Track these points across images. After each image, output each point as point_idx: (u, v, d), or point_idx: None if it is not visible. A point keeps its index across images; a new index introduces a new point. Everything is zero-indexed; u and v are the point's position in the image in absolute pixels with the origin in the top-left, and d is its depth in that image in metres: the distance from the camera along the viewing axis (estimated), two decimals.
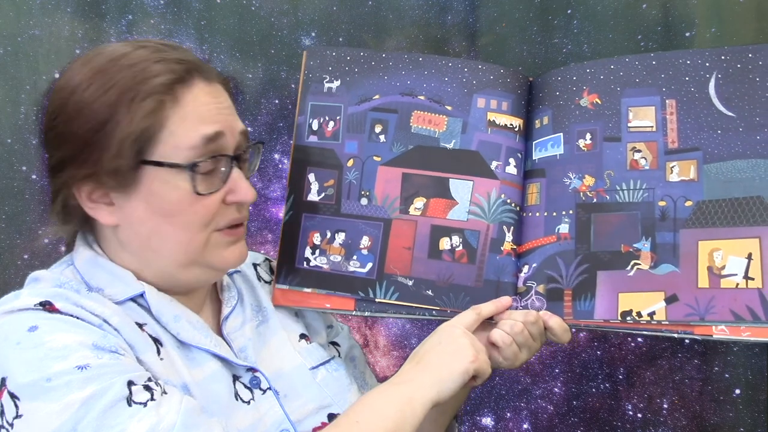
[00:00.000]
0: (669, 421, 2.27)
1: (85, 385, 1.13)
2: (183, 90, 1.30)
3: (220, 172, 1.33)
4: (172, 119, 1.28)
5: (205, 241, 1.34)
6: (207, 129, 1.30)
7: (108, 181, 1.29)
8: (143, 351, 1.27)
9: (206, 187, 1.32)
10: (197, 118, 1.30)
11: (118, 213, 1.32)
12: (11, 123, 2.17)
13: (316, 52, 1.65)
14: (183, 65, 1.32)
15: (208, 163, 1.31)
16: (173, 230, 1.32)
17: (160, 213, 1.31)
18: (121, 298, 1.32)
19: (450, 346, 1.35)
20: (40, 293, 1.26)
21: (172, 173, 1.29)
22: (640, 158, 1.47)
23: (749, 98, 1.42)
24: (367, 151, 1.59)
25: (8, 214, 2.17)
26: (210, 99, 1.33)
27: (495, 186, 1.53)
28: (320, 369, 1.51)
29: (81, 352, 1.16)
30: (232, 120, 1.36)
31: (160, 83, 1.28)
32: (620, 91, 1.51)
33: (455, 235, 1.53)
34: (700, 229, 1.39)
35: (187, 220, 1.32)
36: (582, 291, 1.45)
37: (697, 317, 1.36)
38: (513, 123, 1.57)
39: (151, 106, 1.27)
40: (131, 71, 1.28)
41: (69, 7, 2.18)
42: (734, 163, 1.40)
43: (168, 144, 1.28)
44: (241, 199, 1.35)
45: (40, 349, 1.15)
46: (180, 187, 1.30)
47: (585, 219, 1.48)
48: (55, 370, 1.13)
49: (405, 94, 1.60)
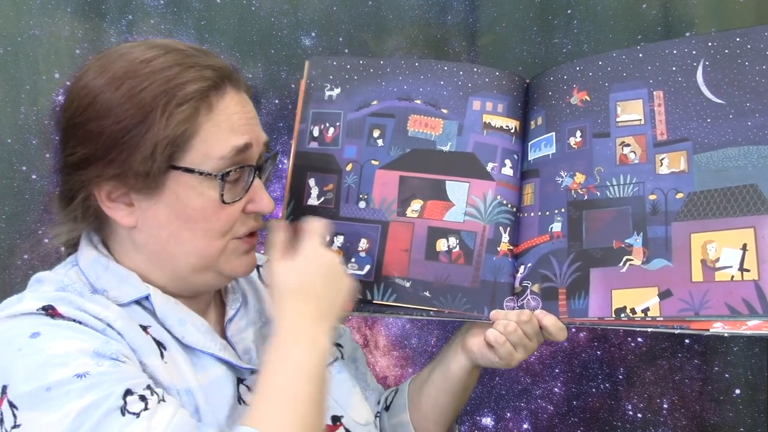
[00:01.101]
0: (669, 421, 2.26)
1: (83, 394, 1.12)
2: (216, 97, 1.31)
3: (243, 181, 1.34)
4: (205, 126, 1.29)
5: (223, 248, 1.35)
6: (238, 140, 1.31)
7: (134, 183, 1.28)
8: (147, 354, 1.26)
9: (231, 196, 1.32)
10: (229, 127, 1.31)
11: (137, 214, 1.32)
12: (11, 123, 2.17)
13: (318, 61, 1.68)
14: (216, 72, 1.32)
15: (236, 172, 1.32)
16: (193, 236, 1.32)
17: (183, 218, 1.31)
18: (126, 300, 1.32)
19: (326, 277, 1.37)
20: (42, 297, 1.25)
21: (200, 180, 1.29)
22: (629, 152, 1.46)
23: (738, 84, 1.40)
24: (366, 156, 1.60)
25: (8, 214, 2.18)
26: (240, 108, 1.34)
27: (491, 187, 1.54)
28: None
29: (81, 359, 1.15)
30: (258, 130, 1.37)
31: (195, 90, 1.28)
32: (608, 87, 1.51)
33: (452, 237, 1.53)
34: (692, 222, 1.38)
35: (209, 227, 1.32)
36: (576, 289, 1.44)
37: (691, 312, 1.34)
38: (509, 125, 1.57)
39: (187, 113, 1.27)
40: (164, 75, 1.28)
41: (69, 7, 2.18)
42: (726, 152, 1.38)
43: (199, 151, 1.29)
44: (261, 209, 1.37)
45: (41, 355, 1.15)
46: (206, 195, 1.30)
47: (576, 217, 1.48)
48: (54, 378, 1.13)
49: (402, 99, 1.61)
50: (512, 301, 1.49)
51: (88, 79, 1.31)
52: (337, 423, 1.46)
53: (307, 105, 1.66)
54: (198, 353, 1.34)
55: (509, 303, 1.49)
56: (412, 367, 2.33)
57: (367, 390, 1.68)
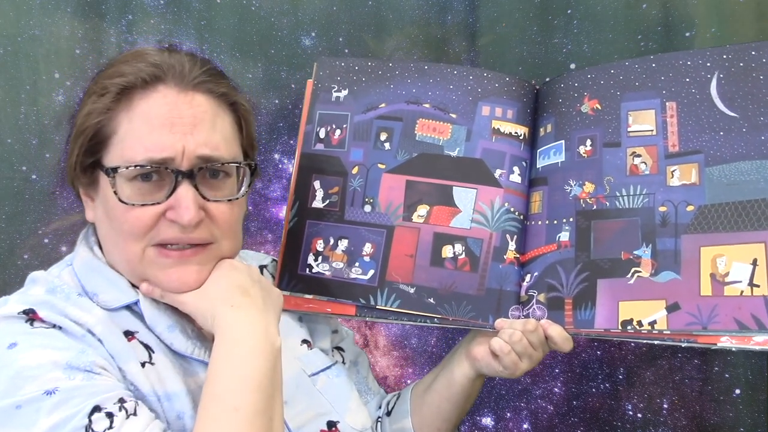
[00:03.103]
0: (669, 421, 2.27)
1: (52, 411, 1.13)
2: (141, 95, 1.30)
3: (166, 186, 1.30)
4: (122, 126, 1.29)
5: (140, 254, 1.32)
6: (156, 152, 1.28)
7: (82, 178, 1.34)
8: (125, 361, 1.26)
9: (135, 197, 1.29)
10: (147, 129, 1.28)
11: (93, 211, 1.37)
12: (11, 123, 2.16)
13: (327, 62, 1.67)
14: (154, 68, 1.31)
15: (135, 170, 1.28)
16: (115, 236, 1.33)
17: (108, 217, 1.32)
18: (115, 305, 1.32)
19: (257, 276, 1.37)
20: (26, 300, 1.27)
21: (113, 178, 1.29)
22: (639, 163, 1.46)
23: (752, 97, 1.40)
24: (372, 159, 1.60)
25: (8, 214, 2.17)
26: (167, 110, 1.29)
27: (498, 194, 1.54)
28: (320, 375, 1.51)
29: (53, 372, 1.16)
30: (195, 136, 1.30)
31: (116, 82, 1.29)
32: (620, 96, 1.50)
33: (458, 243, 1.53)
34: (702, 235, 1.37)
35: (120, 228, 1.31)
36: (582, 300, 1.44)
37: (699, 326, 1.34)
38: (518, 131, 1.57)
39: (104, 104, 1.28)
40: (112, 69, 1.33)
41: (69, 7, 2.17)
42: (738, 165, 1.38)
43: (116, 150, 1.29)
44: (177, 218, 1.30)
45: (14, 366, 1.16)
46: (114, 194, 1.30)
47: (585, 226, 1.47)
48: (24, 394, 1.14)
49: (410, 102, 1.61)
50: (518, 310, 1.49)
51: None
52: (333, 428, 1.46)
53: (313, 106, 1.65)
54: (188, 358, 1.34)
55: (515, 312, 1.49)
56: (411, 367, 2.33)
57: (368, 394, 1.69)
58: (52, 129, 2.17)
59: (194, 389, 1.31)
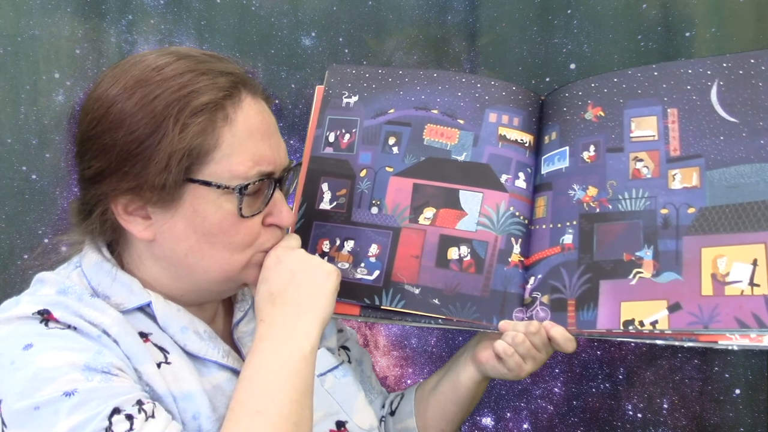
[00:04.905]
0: (669, 421, 2.27)
1: (71, 412, 1.12)
2: (233, 107, 1.27)
3: (263, 194, 1.32)
4: (226, 140, 1.26)
5: (246, 261, 1.33)
6: (264, 165, 1.29)
7: (150, 196, 1.26)
8: (142, 362, 1.25)
9: (251, 209, 1.30)
10: (252, 143, 1.28)
11: (154, 228, 1.30)
12: (11, 123, 2.17)
13: (338, 69, 1.69)
14: (230, 79, 1.29)
15: (255, 185, 1.29)
16: (213, 250, 1.30)
17: (201, 232, 1.29)
18: (128, 307, 1.31)
19: (305, 273, 1.33)
20: (40, 301, 1.24)
21: (217, 193, 1.27)
22: (642, 167, 1.47)
23: (752, 103, 1.41)
24: (380, 162, 1.61)
25: (8, 214, 2.17)
26: (260, 119, 1.30)
27: (504, 198, 1.54)
28: (328, 376, 1.51)
29: (71, 374, 1.15)
30: (279, 142, 1.33)
31: (209, 99, 1.25)
32: (623, 103, 1.52)
33: (463, 245, 1.53)
34: (703, 236, 1.38)
35: (228, 240, 1.30)
36: (585, 301, 1.44)
37: (700, 325, 1.34)
38: (523, 138, 1.58)
39: (203, 125, 1.24)
40: (177, 82, 1.25)
41: (69, 7, 2.18)
42: (738, 169, 1.39)
43: (221, 165, 1.26)
44: (280, 222, 1.35)
45: (30, 368, 1.14)
46: (224, 208, 1.27)
47: (588, 229, 1.48)
48: (43, 396, 1.13)
49: (419, 108, 1.62)
50: (521, 311, 1.50)
51: (101, 90, 1.29)
52: (342, 428, 1.47)
53: (324, 111, 1.66)
54: (202, 359, 1.34)
55: (518, 314, 1.49)
56: (411, 367, 2.34)
57: (372, 393, 1.69)
58: (52, 129, 2.18)
59: (209, 390, 1.31)
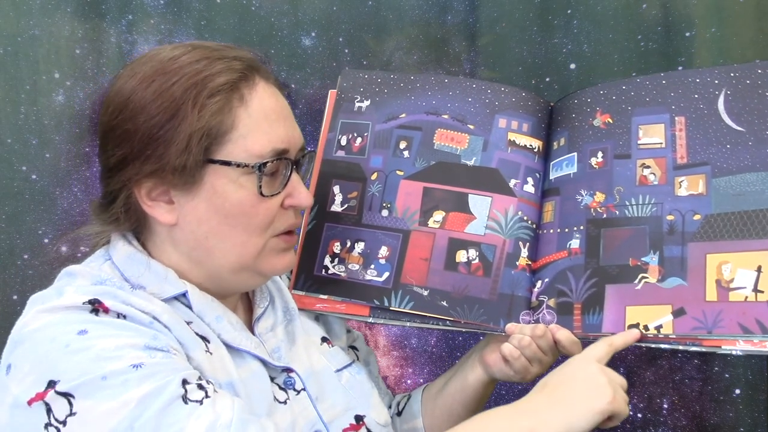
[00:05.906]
0: (669, 421, 2.28)
1: (141, 382, 1.12)
2: (248, 89, 1.32)
3: (281, 175, 1.35)
4: (242, 121, 1.30)
5: (263, 245, 1.35)
6: (277, 141, 1.32)
7: (172, 178, 1.29)
8: (193, 348, 1.27)
9: (270, 189, 1.33)
10: (266, 122, 1.32)
11: (177, 211, 1.33)
12: (11, 123, 2.16)
13: (350, 74, 1.72)
14: (244, 63, 1.33)
15: (273, 164, 1.33)
16: (232, 232, 1.33)
17: (222, 213, 1.31)
18: (166, 296, 1.32)
19: (586, 382, 1.28)
20: (87, 291, 1.24)
21: (237, 173, 1.30)
22: (649, 174, 1.48)
23: (759, 113, 1.43)
24: (391, 166, 1.63)
25: (8, 214, 2.16)
26: (274, 101, 1.35)
27: (513, 203, 1.56)
28: (344, 372, 1.54)
29: (134, 352, 1.15)
30: (293, 124, 1.38)
31: (225, 81, 1.29)
32: (631, 111, 1.53)
33: (472, 249, 1.55)
34: (708, 243, 1.39)
35: (248, 222, 1.33)
36: (591, 305, 1.46)
37: (704, 330, 1.35)
38: (532, 144, 1.59)
39: (220, 104, 1.28)
40: (192, 68, 1.30)
41: (69, 7, 2.17)
42: (744, 177, 1.40)
43: (238, 145, 1.30)
44: (300, 203, 1.38)
45: (92, 351, 1.14)
46: (244, 188, 1.31)
47: (595, 234, 1.49)
48: (110, 368, 1.12)
49: (430, 113, 1.64)
50: (528, 314, 1.51)
51: (120, 84, 1.33)
52: (360, 422, 1.48)
53: (336, 115, 1.69)
54: (235, 349, 1.35)
55: (525, 317, 1.50)
56: (412, 367, 2.34)
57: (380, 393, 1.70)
58: (52, 129, 2.17)
59: (245, 378, 1.33)
